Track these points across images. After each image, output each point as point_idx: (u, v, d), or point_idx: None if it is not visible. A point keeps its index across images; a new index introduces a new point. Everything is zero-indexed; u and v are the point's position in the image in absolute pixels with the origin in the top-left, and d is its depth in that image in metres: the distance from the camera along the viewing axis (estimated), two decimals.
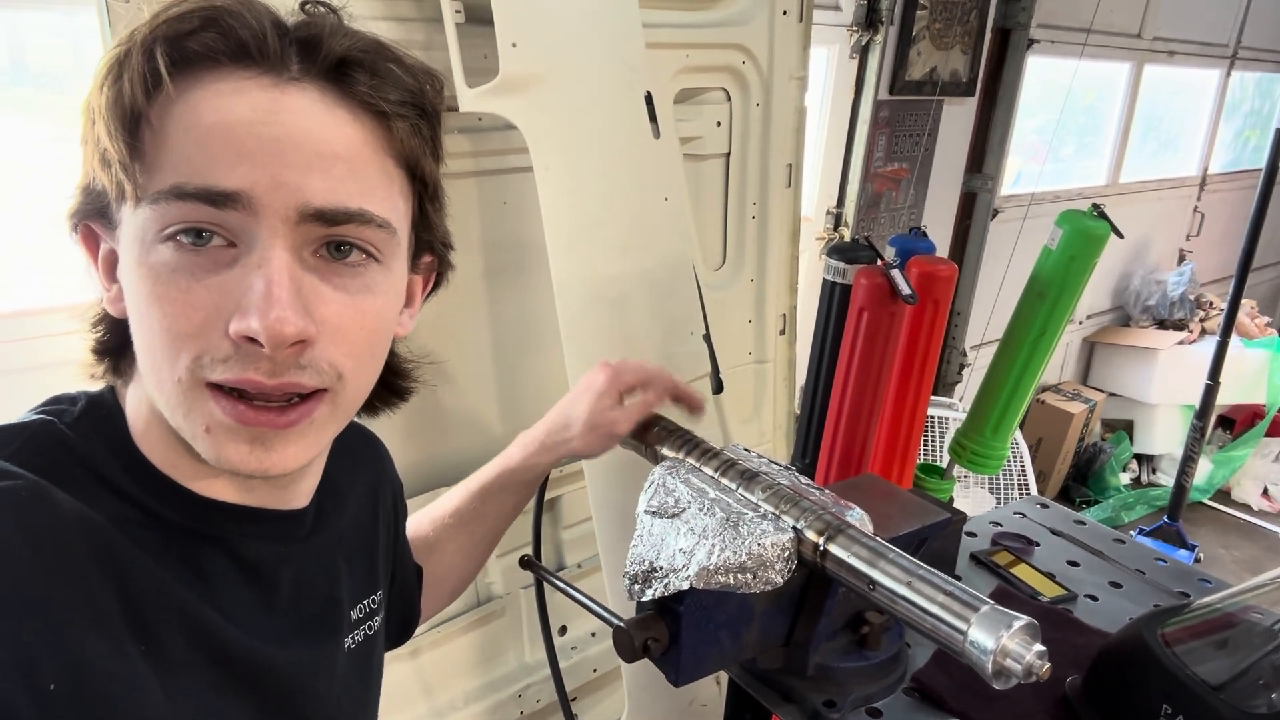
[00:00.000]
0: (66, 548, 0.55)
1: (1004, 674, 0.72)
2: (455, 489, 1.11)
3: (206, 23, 0.58)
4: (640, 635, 0.86)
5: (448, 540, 1.09)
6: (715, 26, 1.87)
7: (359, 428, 0.94)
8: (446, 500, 1.10)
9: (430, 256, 0.76)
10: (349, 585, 0.82)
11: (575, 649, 1.93)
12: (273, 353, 0.58)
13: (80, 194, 0.63)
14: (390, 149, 0.64)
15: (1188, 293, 4.91)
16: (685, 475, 0.96)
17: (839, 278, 1.41)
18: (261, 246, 0.58)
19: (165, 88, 0.57)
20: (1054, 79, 3.96)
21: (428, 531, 1.08)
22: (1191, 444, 3.67)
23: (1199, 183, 5.43)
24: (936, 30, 3.15)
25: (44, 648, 0.51)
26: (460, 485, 1.11)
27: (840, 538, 0.85)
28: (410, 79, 0.65)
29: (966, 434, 1.67)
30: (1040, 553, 1.38)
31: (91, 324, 0.67)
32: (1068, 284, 1.49)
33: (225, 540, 0.67)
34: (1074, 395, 4.57)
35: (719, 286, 2.04)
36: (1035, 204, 3.83)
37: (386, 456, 0.98)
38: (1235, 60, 5.24)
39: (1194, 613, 1.00)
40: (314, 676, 0.75)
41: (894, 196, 3.31)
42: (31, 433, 0.62)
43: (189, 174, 0.57)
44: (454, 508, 1.09)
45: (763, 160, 2.04)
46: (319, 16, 0.64)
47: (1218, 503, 4.63)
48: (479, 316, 1.70)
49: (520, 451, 1.09)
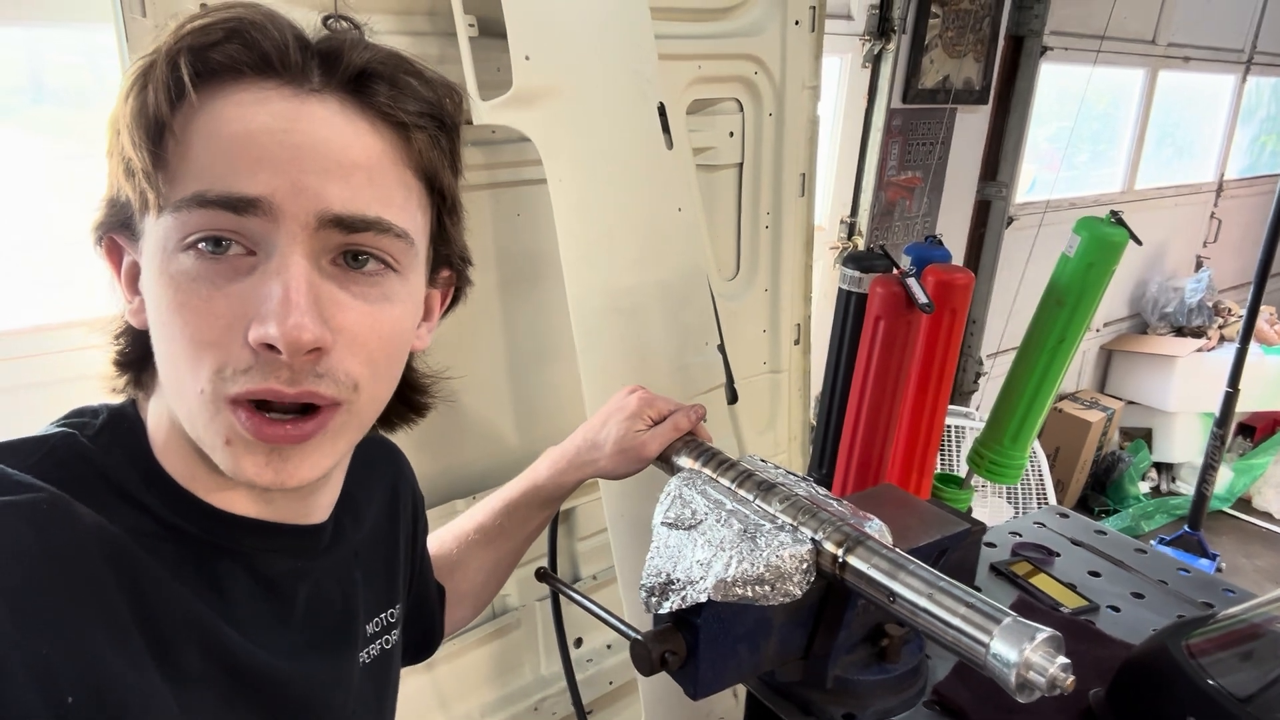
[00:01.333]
0: (85, 561, 0.55)
1: (1028, 687, 0.71)
2: (479, 505, 1.11)
3: (230, 34, 0.58)
4: (658, 648, 0.86)
5: (471, 557, 1.08)
6: (727, 37, 1.87)
7: (377, 438, 0.93)
8: (470, 516, 1.10)
9: (448, 271, 0.76)
10: (365, 599, 0.82)
11: (591, 661, 1.93)
12: (290, 359, 0.58)
13: (105, 206, 0.63)
14: (409, 160, 0.65)
15: (1205, 299, 4.86)
16: (702, 486, 0.96)
17: (855, 287, 1.41)
18: (280, 253, 0.58)
19: (189, 97, 0.57)
20: (1067, 86, 3.94)
21: (451, 549, 1.08)
22: (1212, 451, 3.63)
23: (1216, 189, 5.40)
24: (949, 38, 3.14)
25: (62, 661, 0.51)
26: (484, 502, 1.11)
27: (859, 549, 0.84)
28: (429, 91, 0.66)
29: (985, 443, 1.66)
30: (1061, 563, 1.36)
31: (114, 336, 0.68)
32: (1086, 291, 1.48)
33: (243, 554, 0.67)
34: (1092, 403, 4.53)
35: (733, 296, 2.04)
36: (1051, 211, 3.81)
37: (407, 467, 0.97)
38: (1251, 65, 5.21)
39: (1219, 624, 0.99)
40: (329, 691, 0.74)
41: (908, 205, 3.30)
42: (52, 446, 0.62)
43: (211, 181, 0.57)
44: (478, 523, 1.09)
45: (776, 170, 2.04)
46: (340, 30, 0.64)
47: (1239, 511, 4.58)
48: (494, 328, 1.70)
49: (549, 469, 1.09)
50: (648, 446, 1.06)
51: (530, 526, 1.11)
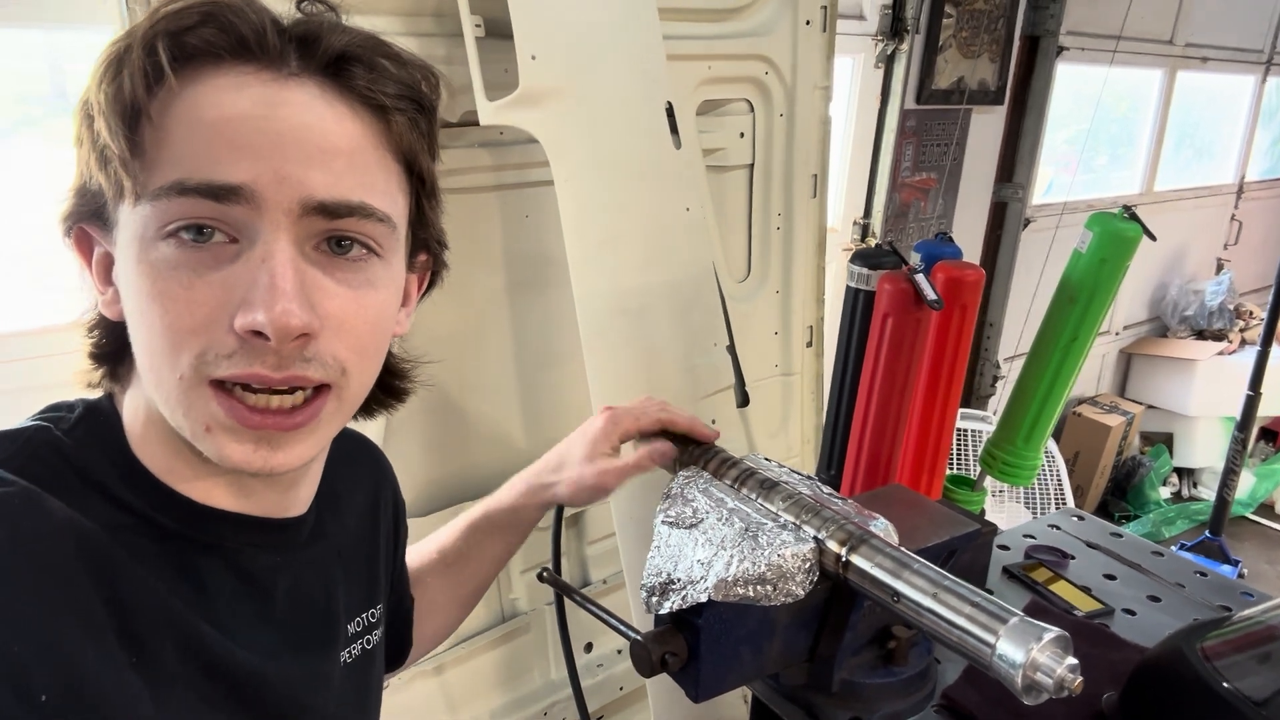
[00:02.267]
0: (58, 556, 0.54)
1: (1034, 689, 0.69)
2: (446, 527, 1.09)
3: (206, 18, 0.57)
4: (658, 649, 0.84)
5: (432, 578, 1.05)
6: (737, 38, 1.86)
7: (359, 437, 0.93)
8: (435, 537, 1.08)
9: (425, 255, 0.75)
10: (346, 598, 0.81)
11: (601, 666, 1.91)
12: (278, 346, 0.57)
13: (74, 196, 0.63)
14: (389, 144, 0.64)
15: (1226, 302, 4.80)
16: (704, 485, 0.95)
17: (862, 284, 1.39)
18: (264, 241, 0.58)
19: (168, 81, 0.56)
20: (1082, 89, 3.91)
21: (415, 566, 1.05)
22: (1234, 456, 3.58)
23: (1236, 190, 5.33)
24: (963, 38, 3.12)
25: (35, 659, 0.50)
26: (450, 523, 1.09)
27: (863, 548, 0.82)
28: (406, 74, 0.65)
29: (997, 443, 1.63)
30: (1076, 566, 1.34)
31: (87, 329, 0.67)
32: (1100, 288, 1.45)
33: (222, 548, 0.67)
34: (1111, 408, 4.48)
35: (744, 298, 2.02)
36: (1068, 213, 3.77)
37: (388, 468, 0.96)
38: (1271, 66, 5.15)
39: (1234, 626, 0.96)
40: (309, 690, 0.73)
41: (922, 206, 3.27)
42: (26, 439, 0.61)
43: (191, 169, 0.56)
44: (440, 544, 1.07)
45: (787, 171, 2.02)
46: (316, 14, 0.64)
47: (1261, 516, 4.51)
48: (501, 330, 1.69)
49: (507, 492, 1.07)
50: (608, 473, 1.01)
51: (491, 553, 1.07)
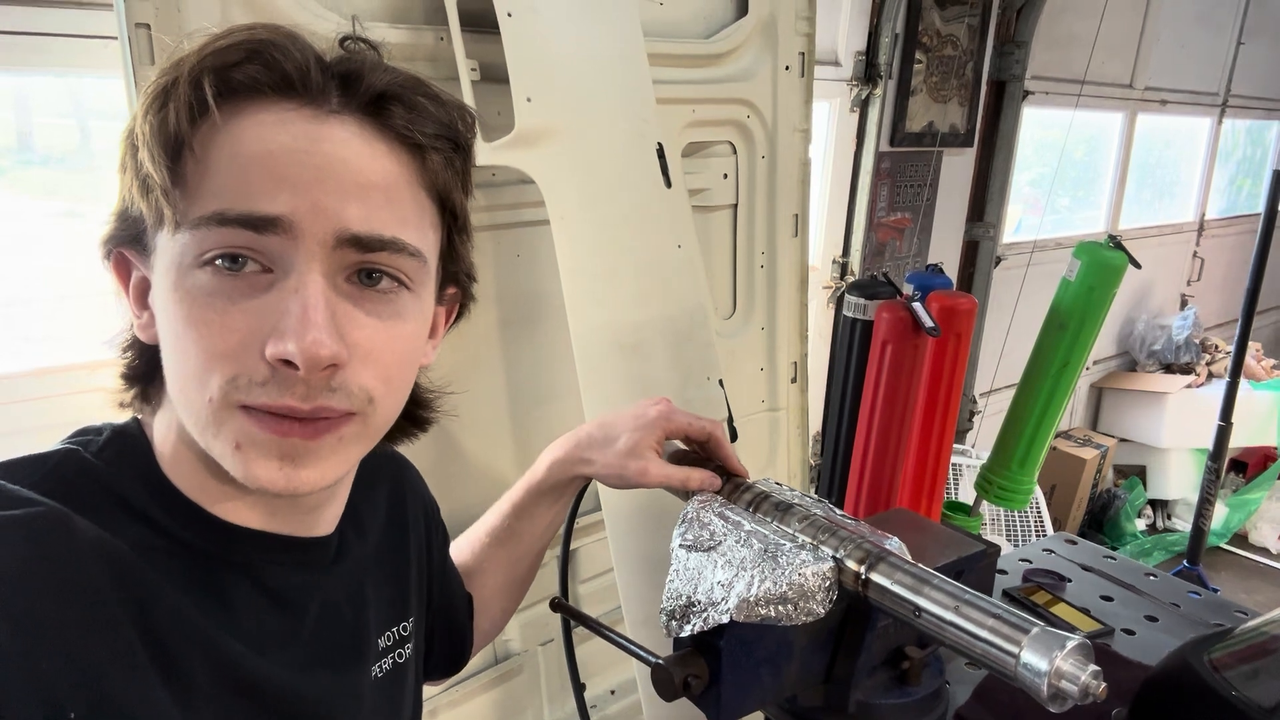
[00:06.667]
0: (87, 576, 0.55)
1: (1060, 696, 0.70)
2: (489, 512, 1.09)
3: (252, 55, 0.59)
4: (680, 672, 0.84)
5: (488, 562, 1.07)
6: (720, 82, 1.90)
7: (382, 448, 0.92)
8: (481, 523, 1.09)
9: (454, 288, 0.77)
10: (375, 612, 0.81)
11: (595, 708, 1.89)
12: (307, 375, 0.58)
13: (115, 221, 0.64)
14: (424, 181, 0.66)
15: (1193, 336, 4.91)
16: (719, 509, 0.95)
17: (860, 314, 1.42)
18: (298, 271, 0.59)
19: (212, 116, 0.58)
20: (1044, 136, 4.02)
21: (467, 558, 1.07)
22: (1207, 485, 3.63)
23: (1197, 228, 5.48)
24: (934, 83, 3.21)
25: (64, 677, 0.51)
26: (493, 507, 1.09)
27: (882, 565, 0.83)
28: (444, 113, 0.67)
29: (992, 469, 1.65)
30: (1072, 589, 1.36)
31: (121, 350, 0.68)
32: (1089, 315, 1.49)
33: (250, 567, 0.67)
34: (1085, 441, 4.54)
35: (730, 335, 2.05)
36: (1038, 250, 3.86)
37: (415, 476, 0.96)
38: (1226, 108, 5.33)
39: (1241, 637, 0.98)
40: (340, 706, 0.73)
41: (898, 245, 3.33)
42: (55, 462, 0.62)
43: (231, 200, 0.58)
44: (489, 527, 1.07)
45: (770, 211, 2.06)
46: (358, 52, 0.65)
47: (1236, 547, 4.57)
48: (494, 367, 1.70)
49: (547, 462, 1.05)
50: (647, 473, 0.98)
51: (540, 523, 1.06)
